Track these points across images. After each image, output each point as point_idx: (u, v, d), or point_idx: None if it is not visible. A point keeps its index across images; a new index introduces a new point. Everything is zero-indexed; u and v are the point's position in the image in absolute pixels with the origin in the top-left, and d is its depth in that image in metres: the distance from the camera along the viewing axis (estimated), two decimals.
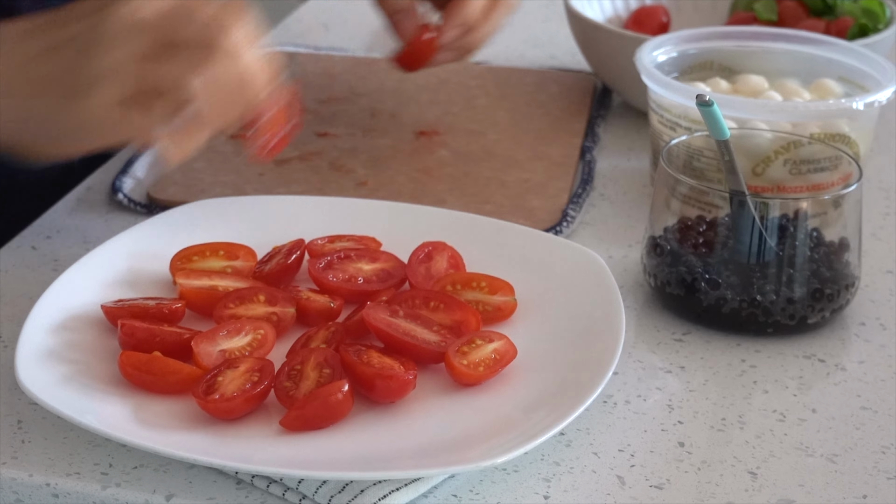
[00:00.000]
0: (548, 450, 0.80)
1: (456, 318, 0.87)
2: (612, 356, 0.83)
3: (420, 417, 0.80)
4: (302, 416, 0.78)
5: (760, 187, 1.00)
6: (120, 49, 0.83)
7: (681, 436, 0.83)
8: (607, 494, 0.78)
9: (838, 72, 1.10)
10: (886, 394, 0.87)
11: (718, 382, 0.88)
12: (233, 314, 0.87)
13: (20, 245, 0.99)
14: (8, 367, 0.85)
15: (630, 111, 1.25)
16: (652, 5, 1.33)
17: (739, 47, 1.13)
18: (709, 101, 0.90)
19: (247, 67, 0.85)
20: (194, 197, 1.05)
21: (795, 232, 0.91)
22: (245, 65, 0.85)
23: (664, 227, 0.94)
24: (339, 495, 0.75)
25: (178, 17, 0.84)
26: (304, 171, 1.10)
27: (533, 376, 0.83)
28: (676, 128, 1.04)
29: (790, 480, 0.79)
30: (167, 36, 0.84)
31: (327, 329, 0.86)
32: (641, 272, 0.96)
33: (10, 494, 0.77)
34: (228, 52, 0.84)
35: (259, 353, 0.84)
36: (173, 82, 0.83)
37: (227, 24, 0.85)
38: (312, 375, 0.81)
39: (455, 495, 0.77)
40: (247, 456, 0.76)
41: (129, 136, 0.86)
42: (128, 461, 0.78)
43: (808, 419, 0.85)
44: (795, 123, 1.02)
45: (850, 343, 0.93)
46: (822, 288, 0.91)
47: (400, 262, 0.92)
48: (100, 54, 0.83)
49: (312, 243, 0.94)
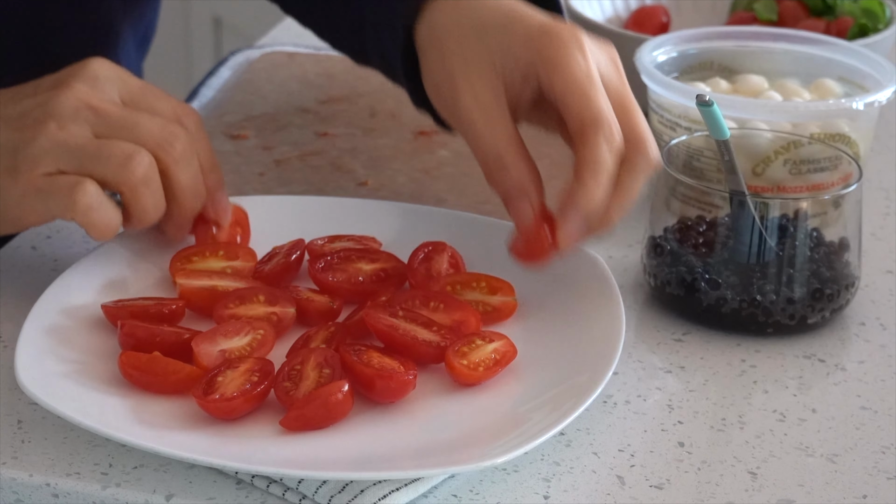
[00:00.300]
0: (548, 450, 0.80)
1: (456, 318, 0.87)
2: (612, 356, 0.83)
3: (420, 417, 0.80)
4: (302, 416, 0.78)
5: (760, 187, 1.00)
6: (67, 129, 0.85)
7: (681, 436, 0.83)
8: (607, 494, 0.78)
9: (838, 72, 1.10)
10: (886, 394, 0.87)
11: (718, 382, 0.88)
12: (233, 314, 0.87)
13: (20, 245, 0.99)
14: (8, 367, 0.85)
15: None
16: (652, 5, 1.33)
17: (739, 47, 1.13)
18: (709, 101, 0.90)
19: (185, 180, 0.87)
20: None
21: (795, 232, 0.91)
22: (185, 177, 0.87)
23: (664, 227, 0.94)
24: (339, 495, 0.75)
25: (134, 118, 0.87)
26: (304, 171, 1.10)
27: (533, 376, 0.83)
28: (676, 128, 1.04)
29: (790, 480, 0.79)
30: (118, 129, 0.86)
31: (327, 329, 0.86)
32: (641, 272, 0.96)
33: (10, 494, 0.77)
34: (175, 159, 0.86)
35: (259, 353, 0.84)
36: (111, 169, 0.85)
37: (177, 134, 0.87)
38: (312, 375, 0.81)
39: (455, 495, 0.77)
40: (247, 456, 0.76)
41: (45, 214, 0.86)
42: (128, 461, 0.78)
43: (808, 419, 0.85)
44: (795, 123, 1.02)
45: (850, 343, 0.93)
46: (822, 288, 0.91)
47: (400, 262, 0.92)
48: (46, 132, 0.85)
49: (312, 243, 0.94)
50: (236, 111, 1.21)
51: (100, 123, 0.86)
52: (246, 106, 1.22)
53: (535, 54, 0.86)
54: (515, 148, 0.86)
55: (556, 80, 0.85)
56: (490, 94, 0.87)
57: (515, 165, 0.86)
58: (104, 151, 0.85)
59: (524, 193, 0.86)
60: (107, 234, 0.86)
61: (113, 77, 0.88)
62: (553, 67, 0.85)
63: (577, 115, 0.84)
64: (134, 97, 0.88)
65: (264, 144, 1.15)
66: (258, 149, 1.14)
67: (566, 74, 0.85)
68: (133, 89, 0.88)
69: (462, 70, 0.88)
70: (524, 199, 0.86)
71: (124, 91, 0.88)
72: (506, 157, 0.86)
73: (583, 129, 0.84)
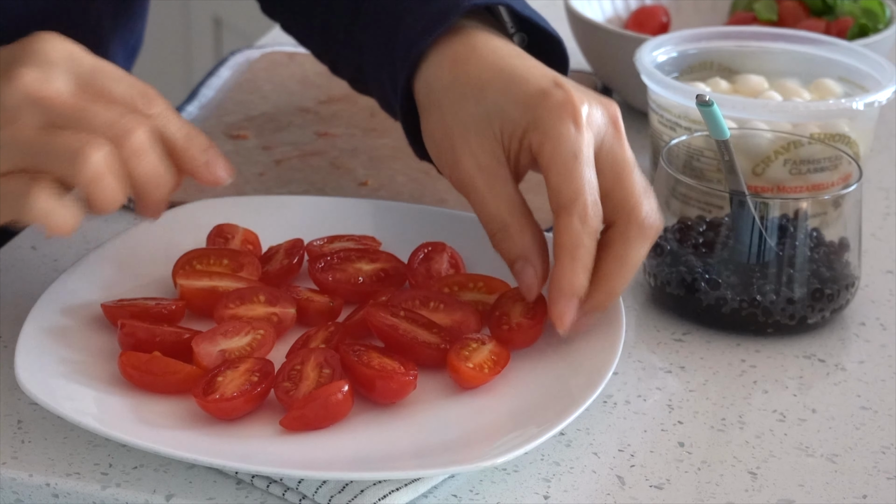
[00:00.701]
0: (548, 450, 0.80)
1: (456, 318, 0.87)
2: (612, 356, 0.83)
3: (420, 417, 0.80)
4: (302, 416, 0.78)
5: (760, 187, 1.00)
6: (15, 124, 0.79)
7: (681, 436, 0.83)
8: (607, 494, 0.78)
9: (838, 72, 1.10)
10: (886, 394, 0.87)
11: (718, 382, 0.88)
12: (233, 314, 0.87)
13: (20, 245, 0.99)
14: (8, 367, 0.85)
15: (630, 111, 1.25)
16: (652, 5, 1.33)
17: (739, 47, 1.13)
18: (709, 101, 0.90)
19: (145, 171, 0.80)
20: (194, 197, 1.05)
21: (795, 232, 0.91)
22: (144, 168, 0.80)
23: (664, 227, 0.94)
24: (339, 495, 0.75)
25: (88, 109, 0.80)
26: (304, 171, 1.10)
27: (533, 376, 0.83)
28: (676, 128, 1.04)
29: (790, 480, 0.79)
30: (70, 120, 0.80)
31: (327, 329, 0.86)
32: (641, 272, 0.96)
33: (10, 494, 0.77)
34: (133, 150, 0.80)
35: (259, 353, 0.84)
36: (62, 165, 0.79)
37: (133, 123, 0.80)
38: (312, 375, 0.81)
39: (455, 495, 0.77)
40: (247, 456, 0.76)
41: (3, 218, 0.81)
42: (128, 461, 0.78)
43: (808, 419, 0.85)
44: (795, 123, 1.02)
45: (850, 343, 0.93)
46: (822, 288, 0.91)
47: (400, 262, 0.92)
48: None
49: (312, 243, 0.94)
50: (236, 111, 1.21)
51: (50, 115, 0.79)
52: (246, 106, 1.22)
53: (529, 120, 0.84)
54: (519, 214, 0.85)
55: (544, 150, 0.83)
56: (491, 159, 0.85)
57: (519, 233, 0.85)
58: (53, 146, 0.79)
59: (528, 261, 0.85)
60: (66, 231, 0.80)
61: (64, 59, 0.81)
62: (543, 136, 0.84)
63: (556, 190, 0.83)
64: (87, 80, 0.81)
65: (264, 144, 1.15)
66: (258, 149, 1.14)
67: (553, 146, 0.83)
68: (85, 71, 0.81)
69: (461, 133, 0.86)
70: (528, 266, 0.85)
71: (76, 74, 0.81)
72: (510, 225, 0.85)
73: (559, 207, 0.83)
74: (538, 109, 0.84)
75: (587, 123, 0.84)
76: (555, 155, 0.83)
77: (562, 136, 0.83)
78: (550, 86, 0.85)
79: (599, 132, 0.84)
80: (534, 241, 0.85)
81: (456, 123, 0.87)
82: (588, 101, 0.85)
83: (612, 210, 0.84)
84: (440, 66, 0.89)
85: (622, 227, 0.84)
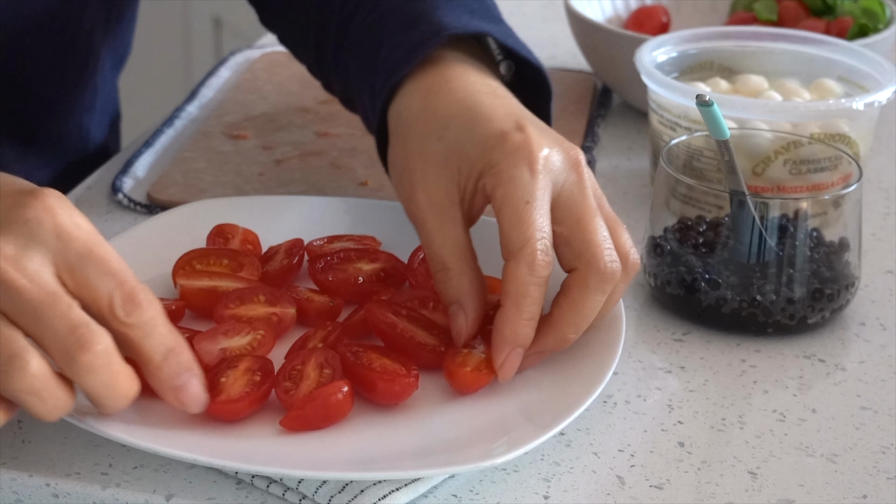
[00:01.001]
0: (548, 450, 0.80)
1: None
2: (612, 356, 0.83)
3: (420, 417, 0.80)
4: (302, 416, 0.78)
5: (760, 187, 1.00)
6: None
7: (681, 436, 0.83)
8: (607, 494, 0.78)
9: (838, 72, 1.10)
10: (886, 394, 0.87)
11: (718, 382, 0.88)
12: (233, 314, 0.87)
13: None
14: None
15: (630, 111, 1.25)
16: (652, 5, 1.33)
17: (739, 47, 1.13)
18: (709, 101, 0.90)
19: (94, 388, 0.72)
20: (194, 197, 1.05)
21: (795, 232, 0.91)
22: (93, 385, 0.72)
23: (664, 227, 0.94)
24: (339, 495, 0.75)
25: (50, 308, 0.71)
26: (304, 171, 1.10)
27: (533, 377, 0.83)
28: (676, 128, 1.04)
29: (790, 480, 0.79)
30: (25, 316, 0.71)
31: (327, 329, 0.86)
32: (641, 272, 0.96)
33: (10, 494, 0.77)
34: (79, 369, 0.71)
35: (259, 353, 0.83)
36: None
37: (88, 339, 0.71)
38: (313, 375, 0.81)
39: (455, 495, 0.77)
40: (247, 456, 0.76)
41: None
42: (128, 461, 0.78)
43: (808, 419, 0.85)
44: (795, 123, 1.02)
45: (850, 343, 0.93)
46: (822, 288, 0.91)
47: (400, 262, 0.92)
48: None
49: (312, 243, 0.94)
50: (236, 111, 1.21)
51: (7, 301, 0.70)
52: (246, 106, 1.22)
53: (486, 162, 0.83)
54: (460, 258, 0.83)
55: (497, 194, 0.81)
56: (444, 197, 0.84)
57: (458, 277, 0.83)
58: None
59: (460, 307, 0.83)
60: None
61: (52, 237, 0.72)
62: (496, 180, 0.82)
63: (506, 236, 0.81)
64: (72, 266, 0.72)
65: (264, 144, 1.15)
66: (258, 149, 1.14)
67: (505, 190, 0.81)
68: (72, 256, 0.72)
69: (421, 167, 0.85)
70: (460, 312, 0.83)
71: (62, 257, 0.72)
72: (450, 267, 0.83)
73: (507, 254, 0.81)
74: (494, 152, 0.83)
75: (544, 169, 0.82)
76: (506, 200, 0.81)
77: (514, 180, 0.81)
78: (511, 128, 0.84)
79: (559, 178, 0.82)
80: (470, 287, 0.83)
81: (417, 157, 0.86)
82: (549, 145, 0.83)
83: (572, 257, 0.82)
84: (412, 97, 0.88)
85: (581, 275, 0.81)
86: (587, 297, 0.81)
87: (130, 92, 1.60)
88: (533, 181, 0.81)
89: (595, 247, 0.81)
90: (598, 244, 0.81)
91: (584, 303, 0.81)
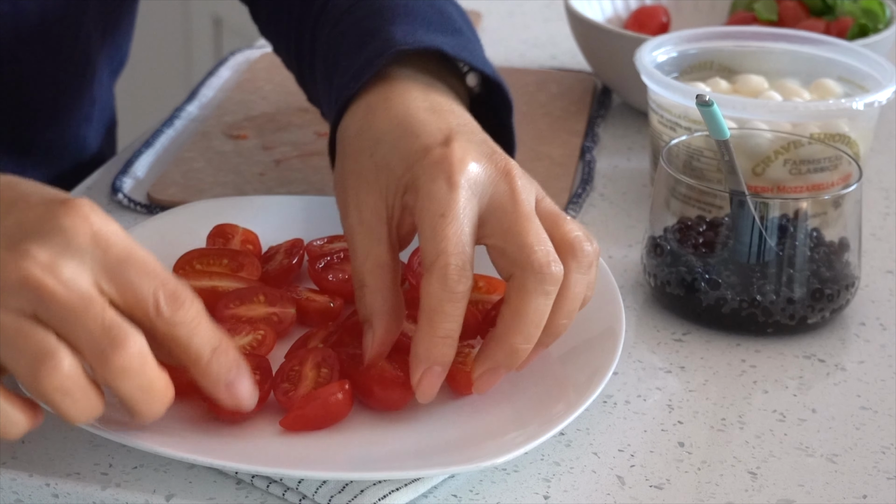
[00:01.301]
0: (548, 450, 0.80)
1: None
2: (612, 356, 0.83)
3: (420, 418, 0.80)
4: (302, 416, 0.78)
5: (760, 187, 1.00)
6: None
7: (681, 436, 0.83)
8: (607, 494, 0.78)
9: (838, 72, 1.10)
10: (886, 394, 0.87)
11: (718, 382, 0.88)
12: (233, 314, 0.87)
13: None
14: None
15: (630, 111, 1.25)
16: (652, 5, 1.33)
17: (739, 47, 1.13)
18: (709, 101, 0.90)
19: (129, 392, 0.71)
20: (194, 197, 1.05)
21: (795, 232, 0.91)
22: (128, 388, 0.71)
23: (664, 227, 0.94)
24: (339, 495, 0.75)
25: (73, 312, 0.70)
26: (304, 171, 1.10)
27: (533, 377, 0.83)
28: (676, 128, 1.04)
29: (790, 480, 0.79)
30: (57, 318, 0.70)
31: (327, 329, 0.86)
32: (641, 272, 0.96)
33: (10, 494, 0.77)
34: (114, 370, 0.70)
35: (259, 353, 0.83)
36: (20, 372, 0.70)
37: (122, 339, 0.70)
38: (311, 375, 0.81)
39: (455, 495, 0.77)
40: (247, 456, 0.76)
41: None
42: (128, 461, 0.78)
43: (808, 419, 0.85)
44: (795, 123, 1.02)
45: (850, 343, 0.93)
46: (822, 288, 0.91)
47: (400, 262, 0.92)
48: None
49: (312, 243, 0.94)
50: (236, 111, 1.21)
51: (40, 306, 0.70)
52: (246, 106, 1.22)
53: (409, 178, 0.82)
54: (378, 276, 0.82)
55: (416, 209, 0.80)
56: (372, 215, 0.83)
57: (371, 295, 0.81)
58: (20, 344, 0.69)
59: (370, 326, 0.81)
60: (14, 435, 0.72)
61: (88, 244, 0.71)
62: (415, 195, 0.81)
63: (423, 251, 0.79)
64: (111, 271, 0.71)
65: (264, 144, 1.15)
66: (258, 149, 1.14)
67: (422, 205, 0.80)
68: (111, 261, 0.71)
69: (354, 184, 0.84)
70: (369, 331, 0.81)
71: (99, 265, 0.71)
72: (366, 285, 0.81)
73: (424, 269, 0.79)
74: (415, 167, 0.82)
75: (466, 182, 0.80)
76: (423, 214, 0.79)
77: (431, 194, 0.80)
78: (435, 143, 0.82)
79: (485, 191, 0.80)
80: (383, 305, 0.81)
81: (351, 174, 0.85)
82: (476, 158, 0.81)
83: (509, 265, 0.80)
84: (353, 116, 0.88)
85: (518, 280, 0.78)
86: (529, 302, 0.78)
87: (130, 92, 1.60)
88: (451, 194, 0.79)
89: (527, 249, 0.78)
90: (531, 245, 0.78)
91: (526, 308, 0.78)
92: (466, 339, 0.85)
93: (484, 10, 1.51)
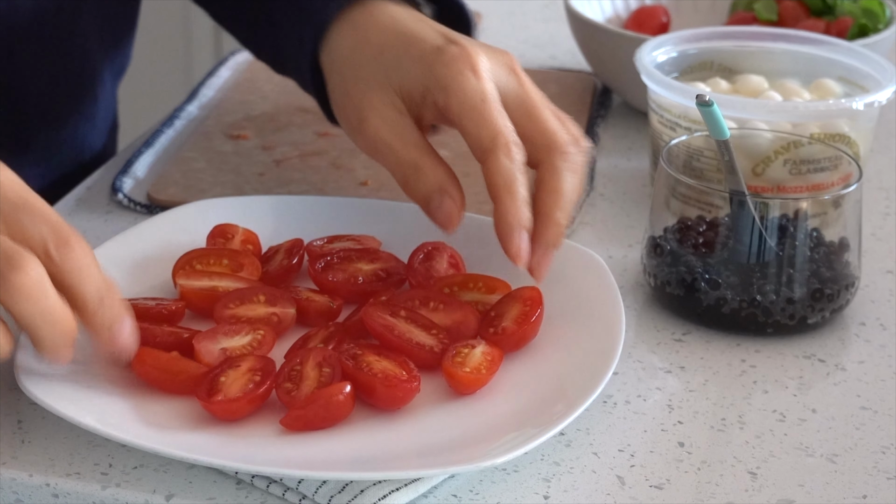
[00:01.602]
0: (548, 450, 0.80)
1: (455, 318, 0.87)
2: (612, 356, 0.83)
3: (420, 418, 0.80)
4: (303, 416, 0.78)
5: (760, 187, 1.00)
6: None
7: (681, 436, 0.83)
8: (607, 494, 0.78)
9: (838, 72, 1.10)
10: (886, 394, 0.87)
11: (718, 382, 0.88)
12: (233, 314, 0.87)
13: None
14: (8, 367, 0.84)
15: (630, 111, 1.25)
16: (652, 5, 1.33)
17: (739, 47, 1.13)
18: (709, 101, 0.90)
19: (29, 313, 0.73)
20: (194, 197, 1.05)
21: (795, 232, 0.91)
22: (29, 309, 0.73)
23: (664, 227, 0.94)
24: (339, 495, 0.75)
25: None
26: (304, 171, 1.10)
27: (533, 376, 0.83)
28: (676, 128, 1.04)
29: (790, 480, 0.79)
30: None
31: (327, 329, 0.86)
32: (641, 272, 0.96)
33: (10, 494, 0.77)
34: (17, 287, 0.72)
35: (259, 353, 0.83)
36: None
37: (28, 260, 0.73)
38: (312, 375, 0.81)
39: (455, 495, 0.77)
40: (247, 456, 0.76)
41: None
42: (128, 461, 0.78)
43: (808, 419, 0.85)
44: (795, 123, 1.02)
45: (850, 343, 0.93)
46: (822, 288, 0.91)
47: (400, 262, 0.92)
48: None
49: (312, 243, 0.94)
50: (236, 111, 1.21)
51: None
52: (246, 106, 1.22)
53: (429, 76, 0.87)
54: (429, 154, 0.88)
55: (451, 102, 0.86)
56: (393, 111, 0.88)
57: (433, 169, 0.87)
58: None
59: (444, 192, 0.87)
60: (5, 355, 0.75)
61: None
62: (446, 90, 0.86)
63: (475, 137, 0.85)
64: (3, 215, 0.74)
65: (264, 144, 1.15)
66: (258, 149, 1.14)
67: (459, 96, 0.86)
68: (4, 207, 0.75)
69: (363, 92, 0.89)
70: (445, 197, 0.87)
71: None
72: (422, 164, 0.87)
73: (482, 151, 0.85)
74: (436, 66, 0.87)
75: (486, 74, 0.87)
76: (463, 105, 0.85)
77: (464, 86, 0.86)
78: (444, 42, 0.88)
79: (500, 81, 0.87)
80: (447, 174, 0.87)
81: (356, 85, 0.89)
82: (484, 52, 0.88)
83: (534, 150, 0.86)
84: (341, 35, 0.92)
85: (548, 162, 0.86)
86: (562, 180, 0.86)
87: (130, 93, 1.60)
88: (480, 83, 0.86)
89: (552, 131, 0.86)
90: (554, 129, 0.86)
91: (562, 186, 0.86)
92: (466, 338, 0.85)
93: (484, 10, 1.50)
